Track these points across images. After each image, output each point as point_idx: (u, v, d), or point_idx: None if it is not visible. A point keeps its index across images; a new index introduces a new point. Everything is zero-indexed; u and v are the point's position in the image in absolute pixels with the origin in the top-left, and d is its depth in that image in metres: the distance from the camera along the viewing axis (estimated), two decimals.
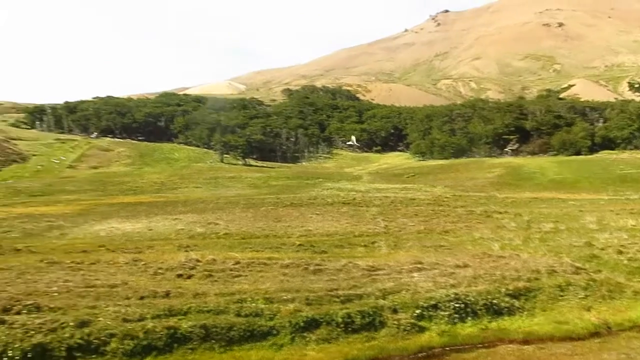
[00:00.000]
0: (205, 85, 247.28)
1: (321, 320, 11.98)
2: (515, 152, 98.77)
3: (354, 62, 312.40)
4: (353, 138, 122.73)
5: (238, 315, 11.78)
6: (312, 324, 11.87)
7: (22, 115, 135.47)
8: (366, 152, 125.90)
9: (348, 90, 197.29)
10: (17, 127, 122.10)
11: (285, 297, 12.77)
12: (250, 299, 12.49)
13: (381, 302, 13.03)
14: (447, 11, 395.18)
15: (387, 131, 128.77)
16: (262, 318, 11.83)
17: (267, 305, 12.28)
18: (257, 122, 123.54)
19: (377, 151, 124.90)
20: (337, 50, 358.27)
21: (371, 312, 12.48)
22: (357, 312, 12.36)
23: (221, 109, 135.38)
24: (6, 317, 10.60)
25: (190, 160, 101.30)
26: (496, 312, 13.46)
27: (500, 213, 32.84)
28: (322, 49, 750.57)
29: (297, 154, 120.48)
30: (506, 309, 13.59)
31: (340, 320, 12.05)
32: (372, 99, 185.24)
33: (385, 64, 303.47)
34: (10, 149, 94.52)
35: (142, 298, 12.52)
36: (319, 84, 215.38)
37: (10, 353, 9.72)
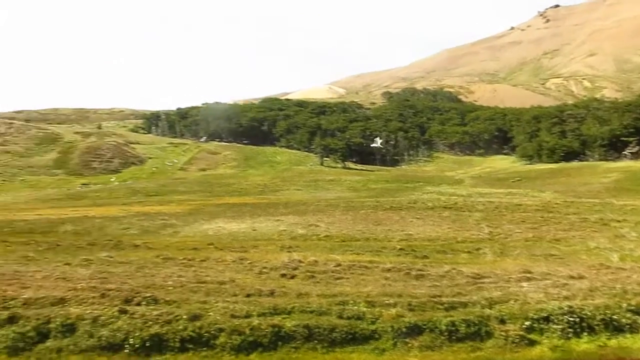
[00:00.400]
0: (306, 89, 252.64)
1: (424, 326, 11.72)
2: (635, 156, 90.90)
3: (456, 63, 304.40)
4: (378, 139, 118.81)
5: (340, 317, 11.83)
6: (414, 330, 11.64)
7: (140, 121, 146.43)
8: (468, 155, 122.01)
9: (450, 92, 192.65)
10: (135, 132, 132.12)
11: (387, 302, 12.64)
12: (352, 302, 12.51)
13: (487, 311, 12.49)
14: (557, 6, 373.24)
15: (491, 133, 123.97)
16: (364, 321, 11.80)
17: (368, 309, 12.24)
18: (357, 126, 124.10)
19: (480, 154, 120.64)
20: (438, 51, 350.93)
21: (477, 322, 12.00)
22: (462, 320, 11.94)
23: (321, 113, 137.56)
24: (128, 308, 11.43)
25: (291, 163, 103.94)
26: (616, 328, 12.40)
27: (619, 221, 30.34)
28: (422, 51, 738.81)
29: (396, 157, 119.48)
30: (628, 326, 12.47)
31: (444, 328, 11.72)
32: (475, 101, 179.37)
33: (490, 63, 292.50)
34: (129, 152, 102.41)
35: (248, 296, 12.98)
36: (419, 86, 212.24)
37: (131, 340, 10.48)
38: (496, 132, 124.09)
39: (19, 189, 74.86)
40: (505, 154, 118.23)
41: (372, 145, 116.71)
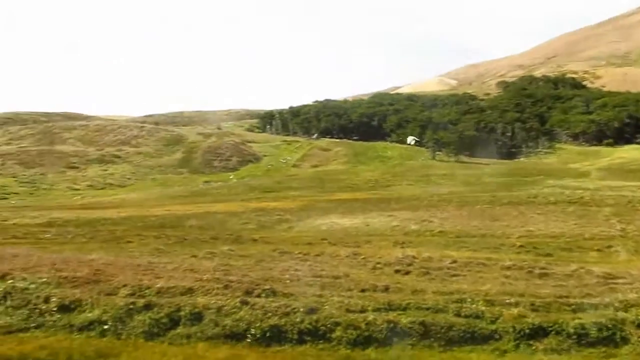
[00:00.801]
0: (416, 83, 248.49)
1: (549, 328, 11.03)
2: None
3: (578, 46, 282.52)
4: (410, 138, 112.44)
5: (457, 315, 11.51)
6: (539, 332, 11.00)
7: (255, 120, 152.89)
8: (595, 145, 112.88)
9: (572, 78, 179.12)
10: (251, 131, 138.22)
11: (507, 301, 12.08)
12: (469, 300, 12.11)
13: (622, 314, 11.47)
14: None
15: (621, 121, 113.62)
16: (482, 320, 11.38)
17: (488, 308, 11.77)
18: (470, 118, 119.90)
19: (609, 144, 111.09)
20: (557, 35, 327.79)
21: (610, 325, 11.07)
22: (593, 323, 11.08)
23: (433, 106, 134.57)
24: (249, 299, 11.99)
25: (402, 158, 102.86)
26: None
27: None
28: (540, 36, 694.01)
29: (513, 150, 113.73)
30: None
31: (572, 331, 10.94)
32: (603, 86, 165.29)
33: (618, 45, 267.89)
34: (246, 150, 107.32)
35: (363, 291, 13.05)
36: (538, 73, 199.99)
37: (252, 331, 10.98)
38: (627, 120, 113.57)
39: (150, 187, 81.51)
40: (638, 143, 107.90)
41: (407, 144, 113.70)
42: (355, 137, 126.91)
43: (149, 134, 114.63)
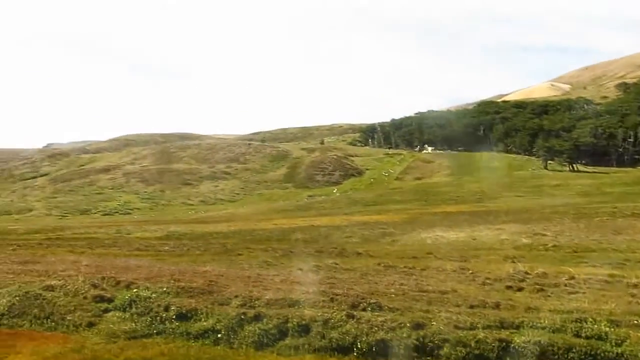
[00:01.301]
0: (525, 89, 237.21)
1: None
2: None
3: None
4: (427, 146, 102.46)
5: (577, 336, 10.72)
6: None
7: (357, 134, 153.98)
8: None
9: None
10: (353, 145, 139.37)
11: (635, 322, 11.06)
12: (591, 320, 11.23)
13: None
14: None
15: None
16: (606, 342, 10.50)
17: (612, 329, 10.84)
18: (586, 124, 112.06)
19: None
20: None
21: None
22: None
23: (543, 112, 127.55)
24: (354, 313, 12.02)
25: (510, 169, 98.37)
26: None
27: None
28: None
29: (637, 157, 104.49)
30: None
31: None
32: None
33: None
34: (348, 164, 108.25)
35: (472, 307, 12.58)
36: None
37: (359, 345, 10.98)
38: None
39: (257, 202, 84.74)
40: None
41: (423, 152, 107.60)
42: (459, 148, 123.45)
43: (255, 150, 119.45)
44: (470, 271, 17.55)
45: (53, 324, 12.92)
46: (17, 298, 13.93)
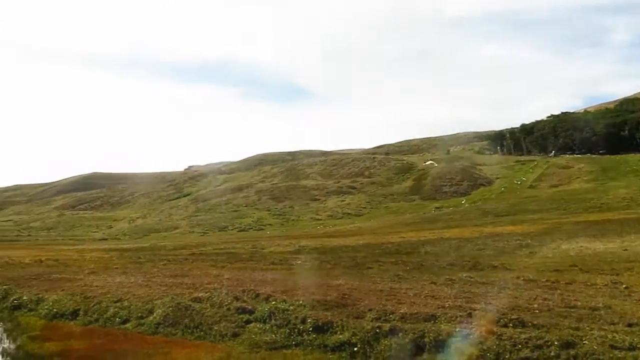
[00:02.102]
0: None
1: None
2: None
3: None
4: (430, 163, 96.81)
5: None
6: None
7: (485, 142, 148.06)
8: None
9: None
10: (481, 153, 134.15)
11: None
12: None
13: None
14: None
15: None
16: None
17: None
18: None
19: None
20: None
21: None
22: None
23: None
24: (495, 329, 11.45)
25: None
26: None
27: None
28: None
29: None
30: None
31: None
32: None
33: None
34: (476, 174, 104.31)
35: (630, 325, 11.41)
36: None
37: None
38: None
39: (383, 215, 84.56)
40: None
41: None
42: (601, 151, 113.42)
43: (380, 164, 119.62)
44: (625, 285, 15.96)
45: (202, 333, 13.89)
46: (170, 309, 15.20)
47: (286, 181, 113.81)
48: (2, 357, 13.24)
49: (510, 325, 11.66)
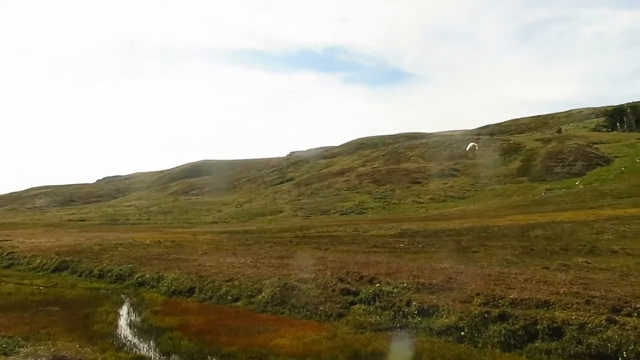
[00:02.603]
0: None
1: None
2: None
3: None
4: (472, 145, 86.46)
5: None
6: None
7: (601, 119, 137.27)
8: None
9: None
10: (597, 131, 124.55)
11: None
12: None
13: None
14: None
15: None
16: None
17: None
18: None
19: None
20: None
21: None
22: None
23: None
24: (616, 317, 10.65)
25: None
26: None
27: None
28: None
29: None
30: None
31: None
32: None
33: None
34: (592, 153, 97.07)
35: None
36: None
37: (624, 354, 9.68)
38: None
39: (488, 198, 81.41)
40: None
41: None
42: None
43: (484, 145, 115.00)
44: None
45: (308, 312, 14.27)
46: (278, 288, 15.77)
47: (387, 164, 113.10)
48: (130, 328, 14.47)
49: (635, 314, 10.80)
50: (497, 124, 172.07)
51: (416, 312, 12.89)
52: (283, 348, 11.57)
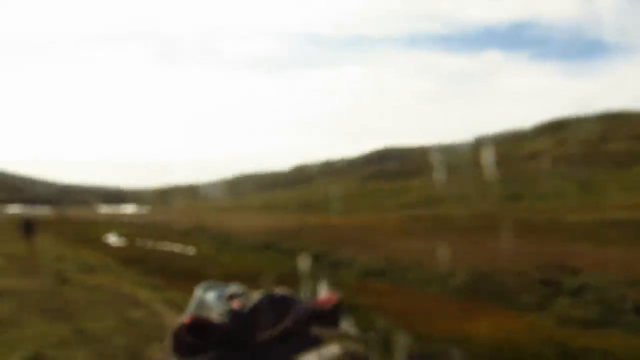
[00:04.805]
0: None
1: None
2: None
3: None
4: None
5: None
6: None
7: None
8: None
9: None
10: None
11: None
12: None
13: None
14: None
15: None
16: None
17: None
18: None
19: None
20: None
21: None
22: None
23: None
24: None
25: None
26: None
27: None
28: None
29: None
30: None
31: None
32: None
33: None
34: None
35: None
36: None
37: None
38: None
39: None
40: None
41: None
42: None
43: None
44: None
45: (503, 302, 13.81)
46: (470, 275, 15.53)
47: (588, 147, 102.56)
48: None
49: None
50: None
51: (631, 309, 11.67)
52: (479, 335, 11.38)
